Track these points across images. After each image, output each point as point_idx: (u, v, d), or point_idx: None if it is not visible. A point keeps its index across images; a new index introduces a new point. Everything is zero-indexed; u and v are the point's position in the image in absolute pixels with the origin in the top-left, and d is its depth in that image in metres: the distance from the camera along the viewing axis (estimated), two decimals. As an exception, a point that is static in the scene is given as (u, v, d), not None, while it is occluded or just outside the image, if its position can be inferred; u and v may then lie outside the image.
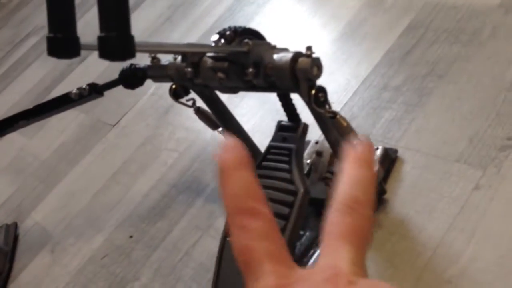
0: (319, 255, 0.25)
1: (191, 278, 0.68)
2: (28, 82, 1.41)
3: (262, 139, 0.67)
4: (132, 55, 0.37)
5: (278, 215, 0.54)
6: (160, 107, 1.00)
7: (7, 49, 1.67)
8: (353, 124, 0.71)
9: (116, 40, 0.36)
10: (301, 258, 0.59)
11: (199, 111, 0.63)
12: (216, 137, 0.72)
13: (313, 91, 0.48)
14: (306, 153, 0.67)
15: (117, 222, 0.84)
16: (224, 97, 0.89)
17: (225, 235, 0.59)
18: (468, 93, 0.65)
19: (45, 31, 0.49)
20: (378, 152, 0.63)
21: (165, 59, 0.59)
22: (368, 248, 0.26)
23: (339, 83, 0.79)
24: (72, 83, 1.25)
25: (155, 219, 0.79)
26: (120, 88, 0.69)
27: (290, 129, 0.59)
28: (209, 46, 0.48)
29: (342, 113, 0.74)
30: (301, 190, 0.54)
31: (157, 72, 0.58)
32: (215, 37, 0.49)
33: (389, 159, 0.63)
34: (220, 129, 0.65)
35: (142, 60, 0.62)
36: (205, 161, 0.83)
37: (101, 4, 0.36)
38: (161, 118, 0.97)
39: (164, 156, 0.89)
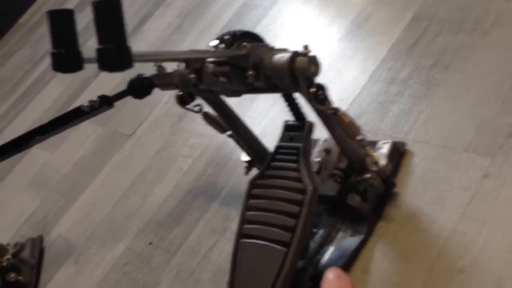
0: None
1: (210, 281, 0.69)
2: (47, 99, 1.45)
3: (273, 139, 0.67)
4: (129, 65, 0.38)
5: (288, 213, 0.55)
6: (174, 115, 1.01)
7: (26, 67, 1.71)
8: (362, 120, 0.72)
9: (114, 51, 0.37)
10: (314, 256, 0.60)
11: (206, 116, 0.64)
12: (227, 140, 0.73)
13: (313, 89, 0.48)
14: (316, 151, 0.67)
15: (137, 229, 0.85)
16: (235, 101, 0.91)
17: (239, 236, 0.60)
18: (474, 82, 0.65)
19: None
20: (387, 147, 0.63)
21: (170, 67, 0.60)
22: None
23: (347, 80, 0.79)
24: (88, 98, 1.28)
25: (172, 225, 0.81)
26: (135, 99, 0.71)
27: (297, 128, 0.60)
28: (207, 51, 0.49)
29: (351, 110, 0.74)
30: (310, 187, 0.55)
31: (162, 80, 0.59)
32: (215, 42, 0.50)
33: (398, 153, 0.63)
34: (229, 132, 0.66)
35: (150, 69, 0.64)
36: (219, 165, 0.84)
37: (97, 17, 0.37)
38: (175, 125, 0.99)
39: (179, 162, 0.91)
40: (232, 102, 0.68)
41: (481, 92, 0.63)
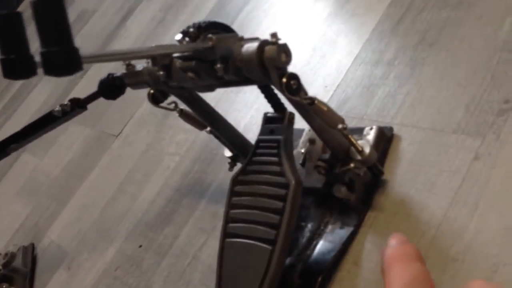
0: None
1: (200, 282, 0.67)
2: (35, 102, 1.42)
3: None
4: (79, 68, 0.35)
5: (272, 210, 0.53)
6: (159, 112, 0.99)
7: (14, 72, 1.69)
8: (347, 106, 0.69)
9: (59, 54, 0.35)
10: (303, 251, 0.58)
11: (182, 114, 0.62)
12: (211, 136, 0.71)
13: (284, 79, 0.45)
14: (300, 142, 0.65)
15: (127, 232, 0.83)
16: (218, 94, 0.88)
17: (224, 236, 0.58)
18: (461, 59, 0.62)
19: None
20: (373, 133, 0.61)
21: (140, 64, 0.57)
22: None
23: (331, 65, 0.76)
24: (75, 98, 1.26)
25: (162, 225, 0.78)
26: (121, 97, 0.68)
27: (277, 120, 0.57)
28: (168, 46, 0.46)
29: (336, 96, 0.72)
30: (292, 182, 0.53)
31: (133, 79, 0.57)
32: (179, 36, 0.47)
33: (385, 138, 0.60)
34: (208, 128, 0.64)
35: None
36: (206, 161, 0.81)
37: (38, 17, 0.34)
38: (160, 123, 0.97)
39: (166, 160, 0.88)
40: (216, 95, 0.65)
41: (469, 68, 0.60)
